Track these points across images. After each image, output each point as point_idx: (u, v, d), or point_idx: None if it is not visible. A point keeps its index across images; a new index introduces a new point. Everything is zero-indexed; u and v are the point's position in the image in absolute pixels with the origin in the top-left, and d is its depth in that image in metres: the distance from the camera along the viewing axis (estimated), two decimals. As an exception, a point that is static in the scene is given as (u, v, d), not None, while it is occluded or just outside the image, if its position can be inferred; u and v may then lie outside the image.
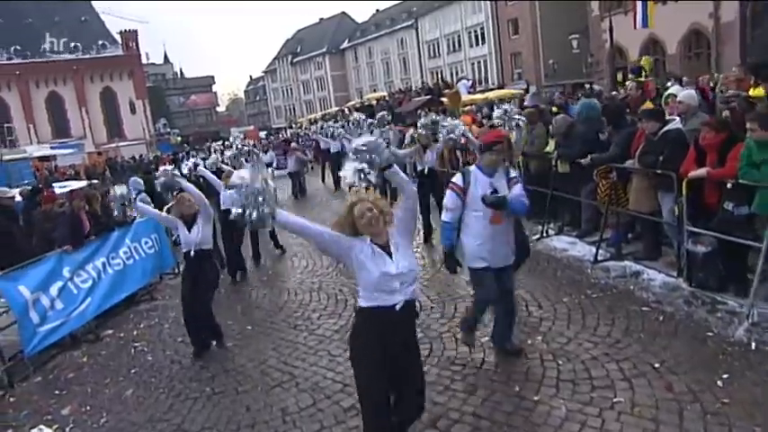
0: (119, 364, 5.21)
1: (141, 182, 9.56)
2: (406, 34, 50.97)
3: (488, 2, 39.41)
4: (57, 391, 4.79)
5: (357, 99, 50.76)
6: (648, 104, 6.65)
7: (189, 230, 5.10)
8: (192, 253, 5.09)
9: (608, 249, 6.40)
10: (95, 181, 15.44)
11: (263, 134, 45.12)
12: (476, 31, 42.15)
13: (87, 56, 47.19)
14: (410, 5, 51.96)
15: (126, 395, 4.53)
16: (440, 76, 45.94)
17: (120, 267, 6.80)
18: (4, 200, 6.22)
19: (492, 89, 32.03)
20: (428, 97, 19.60)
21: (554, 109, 7.36)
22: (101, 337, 5.96)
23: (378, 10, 60.15)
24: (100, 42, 48.64)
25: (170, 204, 6.37)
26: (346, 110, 33.78)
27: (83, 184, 14.50)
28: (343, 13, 63.61)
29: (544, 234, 7.39)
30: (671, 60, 26.64)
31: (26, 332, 5.23)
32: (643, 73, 10.74)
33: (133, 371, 4.99)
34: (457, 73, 43.17)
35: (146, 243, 7.49)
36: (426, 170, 7.88)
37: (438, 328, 4.95)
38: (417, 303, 2.88)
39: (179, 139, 36.17)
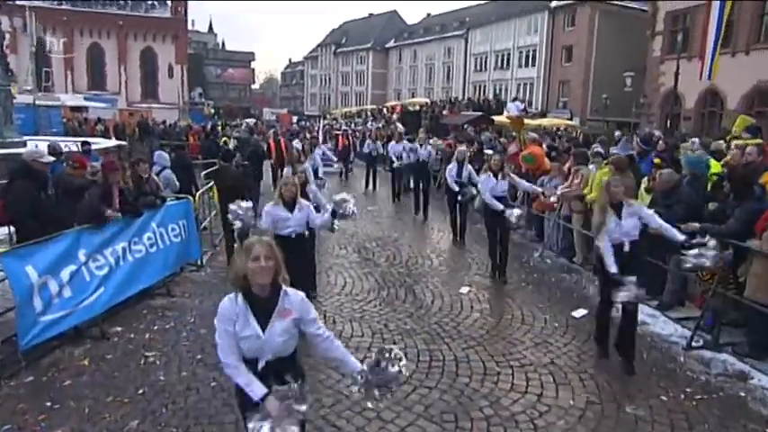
0: (125, 377, 4.41)
1: (167, 157, 8.88)
2: (455, 43, 50.10)
3: (546, 24, 38.34)
4: (49, 402, 4.00)
5: (395, 100, 50.08)
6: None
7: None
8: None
9: (699, 333, 5.51)
10: (124, 143, 14.78)
11: (294, 119, 44.59)
12: (527, 52, 41.15)
13: (135, 13, 46.90)
14: (463, 15, 51.08)
15: (130, 427, 3.73)
16: (482, 90, 45.09)
17: (142, 255, 6.02)
18: (38, 163, 5.44)
19: (534, 114, 31.11)
20: (479, 114, 18.69)
21: (656, 160, 6.42)
22: (107, 335, 5.17)
23: (429, 14, 59.43)
24: (149, 2, 48.37)
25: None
26: (385, 110, 33.00)
27: (112, 143, 13.86)
28: (395, 11, 62.93)
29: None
30: (728, 115, 25.43)
31: (25, 321, 4.46)
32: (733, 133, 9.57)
33: (141, 391, 4.18)
34: (501, 90, 42.23)
35: (173, 230, 6.71)
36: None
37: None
38: None
39: (212, 111, 35.59)
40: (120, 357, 4.77)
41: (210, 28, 72.30)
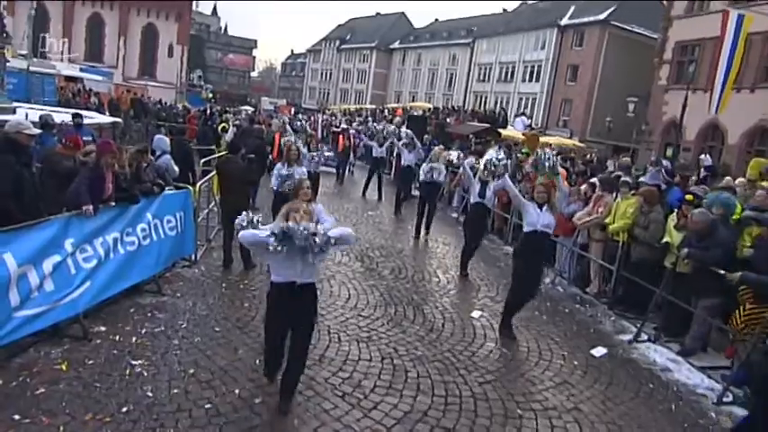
0: (107, 389, 3.90)
1: (167, 142, 8.33)
2: (460, 51, 49.83)
3: (554, 41, 38.21)
4: (17, 415, 3.48)
5: (395, 102, 49.68)
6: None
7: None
8: None
9: (726, 382, 5.17)
10: (119, 120, 14.12)
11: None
12: (532, 67, 40.97)
13: (140, -14, 45.72)
14: (471, 23, 50.87)
15: (110, 456, 3.24)
16: (483, 101, 44.88)
17: (134, 248, 5.51)
18: (22, 135, 4.86)
19: (537, 130, 30.88)
20: (486, 126, 18.33)
21: (688, 197, 6.05)
22: (89, 336, 4.65)
23: (437, 19, 59.13)
24: (155, -23, 47.17)
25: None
26: (387, 111, 32.56)
27: (106, 119, 13.22)
28: (402, 13, 62.53)
29: (638, 338, 6.12)
30: (728, 150, 25.48)
31: (-2, 316, 3.94)
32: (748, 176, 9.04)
33: (125, 409, 3.68)
34: (502, 102, 42.03)
35: (169, 222, 6.20)
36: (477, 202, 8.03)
37: None
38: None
39: (210, 95, 34.79)
40: (103, 364, 4.25)
41: (215, 11, 71.25)
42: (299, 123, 14.85)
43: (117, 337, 4.71)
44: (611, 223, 7.08)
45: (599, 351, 5.69)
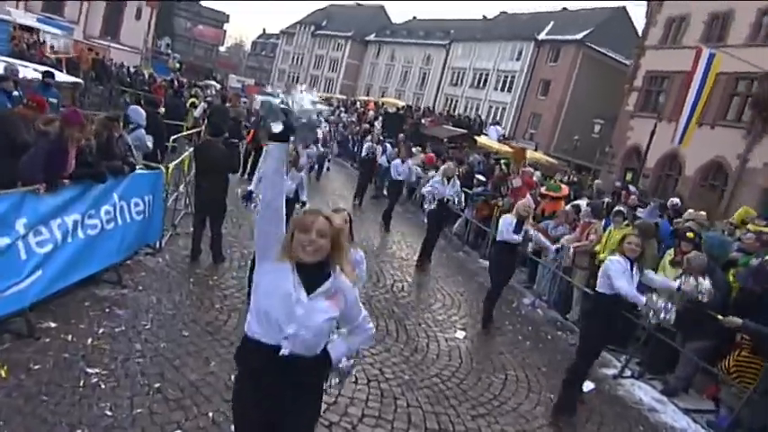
0: (55, 405, 3.31)
1: (143, 115, 7.59)
2: (435, 52, 49.74)
3: (530, 54, 38.65)
4: (-58, 434, 2.87)
5: (364, 95, 49.07)
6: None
7: None
8: None
9: (713, 429, 5.08)
10: (79, 81, 12.98)
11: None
12: (506, 77, 41.33)
13: (109, -61, 42.87)
14: (449, 26, 50.84)
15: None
16: (454, 104, 44.96)
17: (96, 232, 4.85)
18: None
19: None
20: (463, 131, 18.13)
21: (689, 234, 5.92)
22: (36, 333, 4.00)
23: (415, 17, 58.81)
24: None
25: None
26: (358, 104, 31.99)
27: (66, 79, 12.09)
28: (382, 7, 61.90)
29: (623, 374, 5.97)
30: (683, 181, 26.42)
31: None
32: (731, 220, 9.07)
33: (77, 432, 3.12)
34: (472, 109, 42.21)
35: (136, 205, 5.56)
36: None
37: None
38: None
39: (177, 65, 33.06)
40: (52, 371, 3.64)
41: (188, -24, 68.13)
42: None
43: (69, 337, 4.08)
44: (601, 252, 6.91)
45: (587, 386, 5.46)
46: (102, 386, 3.59)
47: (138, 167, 5.67)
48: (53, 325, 4.18)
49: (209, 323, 4.87)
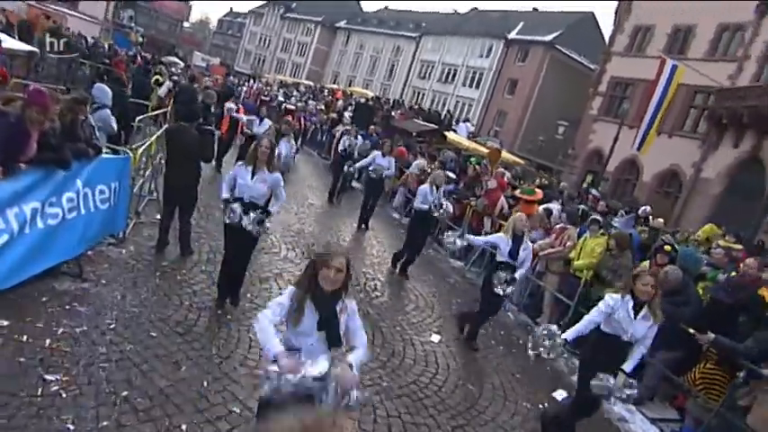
0: (8, 418, 2.99)
1: (109, 93, 7.10)
2: (406, 43, 49.51)
3: (499, 53, 38.97)
4: None
5: (331, 82, 48.41)
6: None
7: None
8: None
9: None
10: (35, 50, 12.07)
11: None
12: (474, 74, 41.58)
13: None
14: (420, 18, 50.70)
15: None
16: (420, 97, 44.96)
17: (57, 221, 4.47)
18: None
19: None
20: (433, 126, 18.07)
21: (667, 248, 6.01)
22: (-12, 332, 3.65)
23: (387, 7, 58.37)
24: None
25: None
26: (326, 91, 31.47)
27: (20, 47, 11.24)
28: (354, -7, 61.07)
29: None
30: (640, 186, 27.30)
31: None
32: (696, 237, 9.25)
33: (36, 448, 2.83)
34: (439, 103, 42.33)
35: (101, 192, 5.17)
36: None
37: None
38: None
39: (141, 39, 31.49)
40: (6, 378, 3.31)
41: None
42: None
43: (25, 338, 3.74)
44: (575, 258, 6.96)
45: (560, 394, 5.50)
46: (64, 395, 3.30)
47: (104, 151, 5.28)
48: (5, 323, 3.82)
49: (178, 323, 4.59)
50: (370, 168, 9.86)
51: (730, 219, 14.50)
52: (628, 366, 3.99)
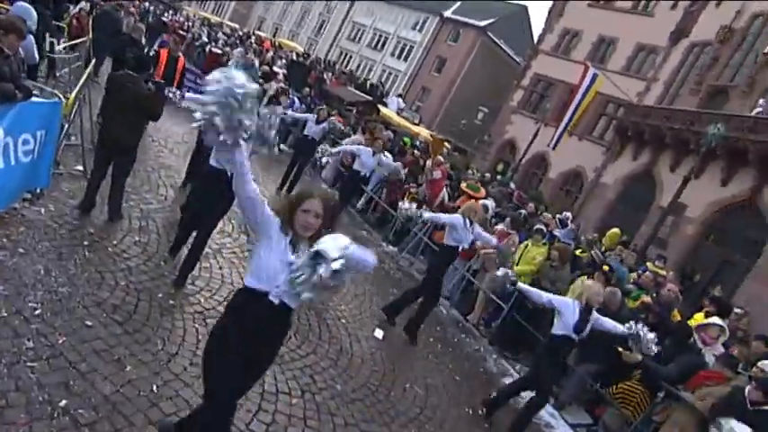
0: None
1: (35, 16, 6.03)
2: (338, 2, 47.78)
3: (432, 29, 38.95)
4: None
5: (256, 29, 45.65)
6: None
7: None
8: None
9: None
10: None
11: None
12: (404, 45, 41.31)
13: None
14: (358, -22, 49.00)
15: None
16: (347, 60, 43.91)
17: (-29, 178, 3.70)
18: None
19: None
20: (369, 98, 17.64)
21: (605, 267, 6.35)
22: None
23: (324, -40, 55.65)
24: None
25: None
26: (254, 39, 29.51)
27: None
28: (291, -63, 57.36)
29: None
30: (546, 181, 28.99)
31: None
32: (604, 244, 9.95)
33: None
34: (365, 69, 41.65)
35: (25, 143, 4.36)
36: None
37: None
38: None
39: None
40: None
41: None
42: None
43: (-70, 323, 3.07)
44: (514, 263, 7.17)
45: (379, 333, 5.83)
46: (-12, 403, 2.75)
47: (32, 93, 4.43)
48: None
49: (115, 308, 4.04)
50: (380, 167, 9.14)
51: (619, 224, 15.63)
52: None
